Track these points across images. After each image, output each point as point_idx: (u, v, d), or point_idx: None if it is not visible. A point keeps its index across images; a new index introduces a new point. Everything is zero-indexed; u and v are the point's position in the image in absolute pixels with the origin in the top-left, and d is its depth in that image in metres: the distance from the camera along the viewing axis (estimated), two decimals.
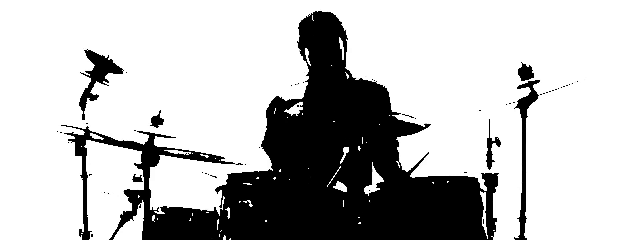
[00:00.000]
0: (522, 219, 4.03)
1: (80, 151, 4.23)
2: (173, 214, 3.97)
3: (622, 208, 5.60)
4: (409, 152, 4.33)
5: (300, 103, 4.31)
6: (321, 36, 4.22)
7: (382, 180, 3.67)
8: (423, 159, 3.86)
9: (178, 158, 3.77)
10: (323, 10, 4.30)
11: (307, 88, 4.34)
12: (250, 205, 3.38)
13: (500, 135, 4.15)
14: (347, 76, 4.36)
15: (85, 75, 4.26)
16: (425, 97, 5.62)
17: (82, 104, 4.25)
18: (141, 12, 5.98)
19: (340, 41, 4.26)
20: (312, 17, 4.27)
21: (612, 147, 5.64)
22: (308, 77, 4.37)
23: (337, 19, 4.29)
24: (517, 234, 4.01)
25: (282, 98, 4.36)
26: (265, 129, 4.42)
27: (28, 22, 5.93)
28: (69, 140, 4.21)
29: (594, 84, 4.20)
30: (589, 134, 5.64)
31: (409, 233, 3.44)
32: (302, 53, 4.29)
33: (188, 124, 5.30)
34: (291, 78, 4.44)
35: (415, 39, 5.86)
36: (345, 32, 4.29)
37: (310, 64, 4.27)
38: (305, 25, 4.26)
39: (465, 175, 3.58)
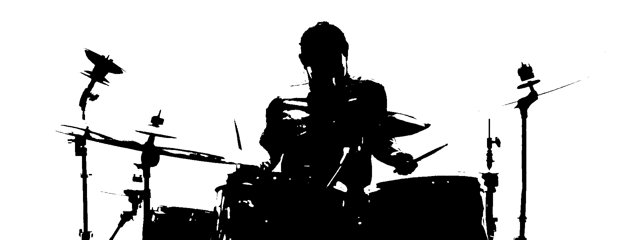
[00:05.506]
0: (522, 219, 4.02)
1: (80, 151, 4.23)
2: (173, 214, 3.97)
3: (622, 208, 5.60)
4: (410, 152, 4.32)
5: (302, 106, 4.30)
6: (325, 57, 4.18)
7: (381, 179, 3.66)
8: (438, 149, 3.84)
9: (178, 158, 3.77)
10: (326, 23, 4.24)
11: (308, 94, 4.33)
12: (250, 205, 3.38)
13: (500, 135, 4.15)
14: (347, 80, 4.35)
15: (85, 75, 4.26)
16: (425, 97, 5.62)
17: (82, 104, 4.26)
18: (141, 12, 5.98)
19: (343, 57, 4.24)
20: (316, 34, 4.20)
21: (612, 147, 5.64)
22: (309, 79, 4.35)
23: (340, 33, 4.24)
24: (517, 234, 4.01)
25: (283, 99, 4.36)
26: (264, 128, 4.42)
27: (28, 22, 5.93)
28: (69, 140, 4.21)
29: (594, 84, 4.20)
30: (589, 134, 5.64)
31: (409, 233, 3.44)
32: (305, 66, 4.28)
33: (188, 124, 5.30)
34: (291, 78, 4.44)
35: (415, 39, 5.86)
36: (347, 45, 4.26)
37: (312, 78, 4.27)
38: (309, 43, 4.21)
39: (464, 175, 3.58)
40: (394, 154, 4.16)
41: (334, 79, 4.22)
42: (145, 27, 5.95)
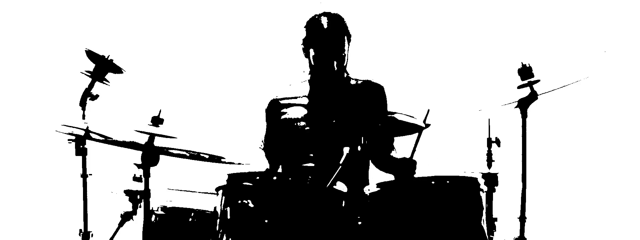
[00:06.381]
0: (522, 219, 4.03)
1: (80, 151, 4.23)
2: (173, 214, 3.97)
3: (622, 208, 5.60)
4: (409, 151, 4.32)
5: (301, 103, 4.30)
6: (329, 39, 4.20)
7: (381, 179, 3.66)
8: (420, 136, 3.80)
9: (178, 158, 3.77)
10: (332, 11, 4.29)
11: (309, 92, 4.33)
12: (250, 205, 3.38)
13: (500, 135, 4.15)
14: (345, 77, 4.35)
15: (85, 75, 4.26)
16: (425, 97, 5.62)
17: (82, 104, 4.25)
18: (141, 12, 5.98)
19: (346, 44, 4.26)
20: (322, 18, 4.25)
21: (612, 147, 5.64)
22: (308, 76, 4.36)
23: (345, 21, 4.28)
24: (517, 234, 4.01)
25: (281, 98, 4.35)
26: (265, 131, 4.41)
27: (28, 22, 5.93)
28: (69, 140, 4.21)
29: (594, 84, 4.20)
30: (589, 134, 5.64)
31: (409, 233, 3.44)
32: (306, 51, 4.28)
33: (188, 124, 5.30)
34: (290, 78, 4.43)
35: (415, 39, 5.86)
36: (350, 34, 4.29)
37: (313, 64, 4.27)
38: (314, 26, 4.24)
39: (464, 175, 3.58)
40: (395, 155, 4.15)
41: (335, 62, 4.23)
42: (145, 27, 5.95)
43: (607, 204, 5.60)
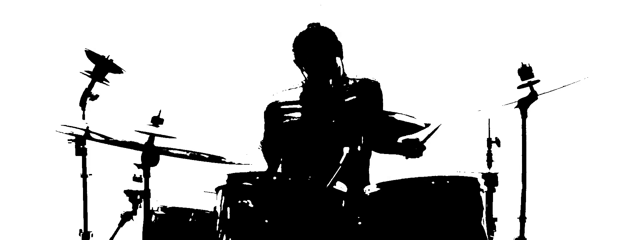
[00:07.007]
0: (522, 219, 4.03)
1: (80, 151, 4.23)
2: (173, 214, 3.97)
3: (622, 208, 5.60)
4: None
5: (300, 106, 4.30)
6: (318, 61, 4.18)
7: (381, 179, 3.66)
8: (435, 130, 3.85)
9: (178, 158, 3.77)
10: (316, 26, 4.23)
11: (306, 94, 4.32)
12: (250, 205, 3.38)
13: (500, 135, 4.15)
14: (344, 80, 4.34)
15: (85, 75, 4.26)
16: (425, 97, 5.62)
17: (82, 104, 4.25)
18: (141, 12, 5.98)
19: (337, 58, 4.22)
20: (306, 39, 4.19)
21: (612, 147, 5.64)
22: (306, 80, 4.35)
23: (331, 35, 4.22)
24: (517, 234, 4.01)
25: (280, 101, 4.35)
26: (263, 132, 4.40)
27: (28, 22, 5.93)
28: (69, 140, 4.21)
29: (594, 84, 4.20)
30: (589, 134, 5.64)
31: (409, 233, 3.44)
32: (300, 69, 4.27)
33: (188, 124, 5.30)
34: (289, 79, 4.43)
35: (415, 39, 5.86)
36: (340, 45, 4.24)
37: (308, 80, 4.26)
38: (300, 49, 4.20)
39: (464, 175, 3.58)
40: (400, 140, 4.15)
41: (331, 80, 4.22)
42: (145, 27, 5.95)
43: (607, 204, 5.60)
